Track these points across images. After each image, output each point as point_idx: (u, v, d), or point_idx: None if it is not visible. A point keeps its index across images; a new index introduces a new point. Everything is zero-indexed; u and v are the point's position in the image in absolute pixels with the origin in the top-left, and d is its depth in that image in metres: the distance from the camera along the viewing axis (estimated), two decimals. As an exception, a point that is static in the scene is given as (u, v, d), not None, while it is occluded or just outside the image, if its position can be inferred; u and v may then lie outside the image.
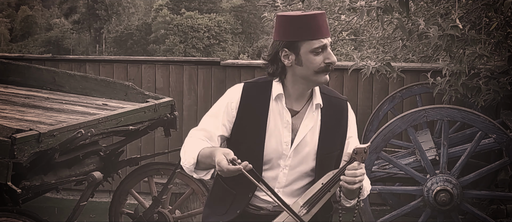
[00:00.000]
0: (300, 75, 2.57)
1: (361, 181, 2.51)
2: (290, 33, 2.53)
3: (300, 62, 2.54)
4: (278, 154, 2.61)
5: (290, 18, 2.52)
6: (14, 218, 3.74)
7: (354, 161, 2.49)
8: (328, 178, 2.57)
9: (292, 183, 2.65)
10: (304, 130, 2.62)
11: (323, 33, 2.51)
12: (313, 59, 2.52)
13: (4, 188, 3.68)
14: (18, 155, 3.54)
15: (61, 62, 6.84)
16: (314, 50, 2.52)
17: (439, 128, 5.70)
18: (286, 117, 2.61)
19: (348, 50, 6.29)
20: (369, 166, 4.58)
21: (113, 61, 6.86)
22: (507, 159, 4.52)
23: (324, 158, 2.64)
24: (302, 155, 2.63)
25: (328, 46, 2.54)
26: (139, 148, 6.60)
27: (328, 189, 2.58)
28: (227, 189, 2.68)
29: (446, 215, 4.61)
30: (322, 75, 2.55)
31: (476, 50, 4.46)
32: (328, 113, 2.66)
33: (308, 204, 2.57)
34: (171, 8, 53.61)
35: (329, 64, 2.53)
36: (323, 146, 2.63)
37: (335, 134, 2.66)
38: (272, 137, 2.61)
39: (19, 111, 4.37)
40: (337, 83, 6.33)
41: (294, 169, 2.63)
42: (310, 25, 2.50)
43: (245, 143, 2.61)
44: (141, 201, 4.74)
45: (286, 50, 2.55)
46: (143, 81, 6.71)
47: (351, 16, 5.35)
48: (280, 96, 2.61)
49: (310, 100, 2.64)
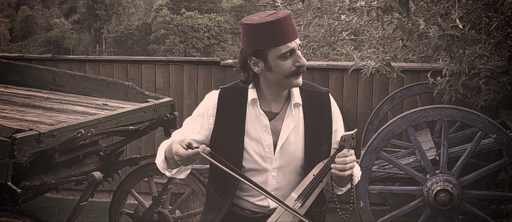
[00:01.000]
0: (271, 80, 2.55)
1: (352, 168, 2.50)
2: (256, 42, 2.49)
3: (270, 69, 2.51)
4: (263, 158, 2.60)
5: (254, 27, 2.47)
6: (14, 218, 3.74)
7: (343, 149, 2.49)
8: (319, 169, 2.57)
9: (283, 185, 2.63)
10: (286, 130, 2.60)
11: (289, 37, 2.47)
12: (282, 64, 2.49)
13: (4, 188, 3.68)
14: (18, 155, 3.54)
15: (61, 62, 6.85)
16: (282, 56, 2.48)
17: (439, 128, 5.70)
18: (263, 121, 2.59)
19: (348, 50, 6.29)
20: (369, 166, 4.59)
21: (113, 61, 6.86)
22: (507, 159, 4.52)
23: (313, 155, 2.61)
24: (288, 155, 2.61)
25: (296, 49, 2.50)
26: (139, 148, 6.60)
27: (320, 180, 2.57)
28: (216, 198, 2.69)
29: (446, 215, 4.61)
30: (294, 78, 2.52)
31: (476, 50, 4.46)
32: (310, 109, 2.64)
33: (302, 196, 2.56)
34: (171, 8, 53.61)
35: (299, 67, 2.50)
36: (310, 144, 2.61)
37: (321, 130, 2.64)
38: (253, 142, 2.59)
39: (19, 111, 4.37)
40: (337, 83, 6.34)
41: (283, 170, 2.61)
42: (275, 31, 2.46)
43: (225, 150, 2.59)
44: (141, 201, 4.74)
45: (254, 58, 2.51)
46: (143, 81, 6.71)
47: (351, 16, 5.36)
48: (255, 101, 2.59)
49: (288, 100, 2.62)
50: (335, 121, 2.69)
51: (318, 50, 6.55)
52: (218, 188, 2.66)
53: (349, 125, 6.27)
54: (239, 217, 2.68)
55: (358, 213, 4.63)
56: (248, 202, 2.65)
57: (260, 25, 2.46)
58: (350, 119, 6.31)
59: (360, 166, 4.58)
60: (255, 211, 2.66)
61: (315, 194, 2.57)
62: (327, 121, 2.65)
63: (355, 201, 4.63)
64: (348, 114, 6.31)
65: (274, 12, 2.51)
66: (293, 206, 2.54)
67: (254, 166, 2.60)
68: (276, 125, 2.60)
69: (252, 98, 2.59)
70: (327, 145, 2.62)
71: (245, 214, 2.67)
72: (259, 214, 2.66)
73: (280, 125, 2.60)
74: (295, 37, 2.50)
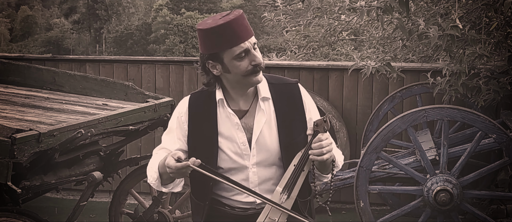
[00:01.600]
0: (232, 80, 2.59)
1: (329, 151, 2.52)
2: (210, 46, 2.53)
3: (227, 70, 2.56)
4: (240, 156, 2.64)
5: (206, 31, 2.51)
6: (14, 218, 3.74)
7: (318, 134, 2.52)
8: (298, 158, 2.59)
9: (266, 179, 2.67)
10: (258, 126, 2.64)
11: (241, 37, 2.50)
12: (238, 65, 2.53)
13: (4, 188, 3.68)
14: (18, 155, 3.54)
15: (61, 62, 6.84)
16: (237, 57, 2.51)
17: (439, 128, 5.70)
18: (234, 120, 2.63)
19: (348, 50, 6.30)
20: (369, 166, 4.59)
21: (113, 61, 6.86)
22: (507, 159, 4.52)
23: (289, 146, 2.64)
24: (265, 150, 2.64)
25: (251, 48, 2.53)
26: (139, 148, 6.60)
27: (301, 169, 2.59)
28: (197, 203, 2.74)
29: (446, 215, 4.61)
30: (252, 77, 2.56)
31: (476, 50, 4.46)
32: (281, 102, 2.67)
33: (286, 189, 2.59)
34: (171, 8, 53.61)
35: (256, 66, 2.54)
36: (284, 135, 2.64)
37: (294, 120, 2.67)
38: (228, 141, 2.63)
39: (19, 111, 4.37)
40: (337, 83, 6.34)
41: (262, 165, 2.65)
42: (226, 34, 2.49)
43: (200, 152, 2.63)
44: (141, 201, 4.74)
45: (211, 61, 2.56)
46: (143, 81, 6.71)
47: (351, 16, 5.36)
48: (222, 101, 2.63)
49: (257, 96, 2.66)
50: (308, 110, 2.72)
51: (318, 50, 6.55)
52: (196, 193, 2.73)
53: (349, 125, 6.27)
54: (231, 217, 2.71)
55: (358, 213, 4.63)
56: (235, 201, 2.69)
57: (211, 29, 2.49)
58: (350, 119, 6.31)
59: (360, 166, 4.58)
60: (245, 208, 2.69)
61: (299, 184, 2.60)
62: (299, 111, 2.69)
63: (355, 201, 4.63)
64: (348, 114, 6.32)
65: (227, 13, 2.53)
66: (280, 199, 2.57)
67: (233, 165, 2.65)
68: (247, 122, 2.65)
69: (219, 98, 2.64)
70: (303, 134, 2.65)
71: (236, 213, 2.71)
72: (250, 211, 2.69)
73: (251, 122, 2.64)
74: (249, 36, 2.52)
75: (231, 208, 2.72)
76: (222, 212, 2.73)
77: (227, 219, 2.72)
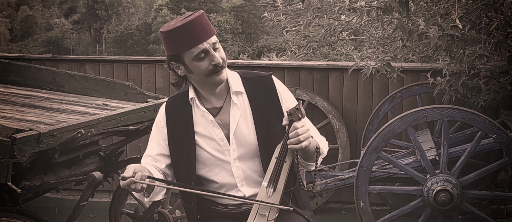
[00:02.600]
0: (197, 80, 2.65)
1: (307, 138, 2.53)
2: (171, 47, 2.58)
3: (190, 70, 2.61)
4: (221, 153, 2.68)
5: (166, 33, 2.56)
6: (14, 218, 3.74)
7: (293, 122, 2.54)
8: (278, 150, 2.62)
9: (249, 173, 2.70)
10: (234, 120, 2.67)
11: (199, 39, 2.54)
12: (199, 65, 2.58)
13: (4, 188, 3.68)
14: (18, 155, 3.54)
15: (61, 62, 6.84)
16: (196, 57, 2.56)
17: (439, 128, 5.70)
18: (208, 117, 2.67)
19: (348, 50, 6.30)
20: (369, 166, 4.59)
21: (113, 61, 6.86)
22: (507, 159, 4.52)
23: (266, 137, 2.67)
24: (244, 143, 2.68)
25: (209, 48, 2.56)
26: (139, 148, 6.60)
27: (283, 160, 2.62)
28: (187, 207, 2.78)
29: (446, 215, 4.61)
30: (214, 76, 2.60)
31: (476, 50, 4.46)
32: (254, 94, 2.71)
33: (271, 182, 2.61)
34: (171, 8, 53.61)
35: (215, 66, 2.58)
36: (260, 127, 2.67)
37: (269, 111, 2.70)
38: (206, 140, 2.68)
39: (19, 111, 4.37)
40: (337, 83, 6.33)
41: (244, 159, 2.69)
42: (184, 35, 2.53)
43: (181, 153, 2.69)
44: (141, 201, 4.73)
45: (173, 62, 2.63)
46: (143, 81, 6.71)
47: (351, 16, 5.36)
48: (194, 100, 2.68)
49: (228, 91, 2.70)
50: (284, 101, 2.74)
51: (318, 50, 6.54)
52: (183, 198, 2.78)
53: (349, 125, 6.27)
54: (226, 216, 2.74)
55: (358, 213, 4.63)
56: (225, 198, 2.72)
57: (170, 32, 2.54)
58: (350, 119, 6.31)
59: (360, 166, 4.58)
60: (237, 205, 2.73)
61: (284, 175, 2.62)
62: (274, 102, 2.72)
63: (355, 201, 4.63)
64: (348, 114, 6.32)
65: (189, 14, 2.57)
66: (266, 194, 2.59)
67: (215, 162, 2.68)
68: (223, 119, 2.68)
69: (191, 97, 2.69)
70: (280, 125, 2.67)
71: (230, 210, 2.74)
72: (243, 207, 2.72)
73: (227, 118, 2.68)
74: (207, 37, 2.56)
75: (224, 206, 2.74)
76: (216, 212, 2.75)
77: (223, 218, 2.74)
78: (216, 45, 2.59)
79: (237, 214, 2.73)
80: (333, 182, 5.03)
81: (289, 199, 2.73)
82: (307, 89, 6.25)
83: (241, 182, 2.69)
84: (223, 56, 2.62)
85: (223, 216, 2.75)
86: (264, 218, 2.56)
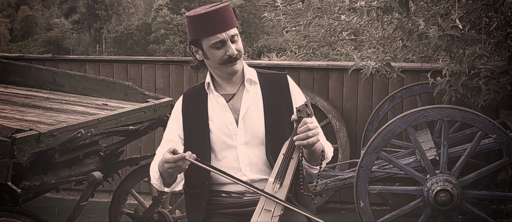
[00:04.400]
0: (211, 66, 2.79)
1: (315, 134, 2.58)
2: (192, 32, 2.73)
3: (206, 56, 2.76)
4: (228, 136, 2.77)
5: (190, 18, 2.71)
6: (14, 218, 3.74)
7: (302, 119, 2.59)
8: (286, 147, 2.67)
9: (254, 158, 2.76)
10: (245, 106, 2.78)
11: (218, 29, 2.67)
12: (215, 53, 2.71)
13: (4, 188, 3.68)
14: (18, 155, 3.54)
15: (61, 62, 6.84)
16: (213, 46, 2.70)
17: (439, 128, 5.70)
18: (221, 102, 2.79)
19: (348, 50, 6.30)
20: (369, 166, 4.59)
21: (113, 61, 6.86)
22: (507, 159, 4.52)
23: (273, 127, 2.76)
24: (252, 129, 2.76)
25: (227, 39, 2.69)
26: (139, 148, 6.60)
27: (290, 156, 2.66)
28: (192, 193, 2.82)
29: (446, 215, 4.61)
30: (228, 65, 2.74)
31: (476, 50, 4.46)
32: (268, 86, 2.83)
33: (278, 178, 2.65)
34: (171, 8, 53.60)
35: (230, 56, 2.71)
36: (269, 116, 2.77)
37: (279, 103, 2.80)
38: (217, 124, 2.78)
39: (19, 111, 4.37)
40: (337, 83, 6.33)
41: (250, 145, 2.76)
42: (205, 23, 2.67)
43: (194, 137, 2.79)
44: (141, 201, 4.74)
45: (193, 46, 2.78)
46: (143, 81, 6.71)
47: (351, 16, 5.36)
48: (209, 84, 2.82)
49: (243, 81, 2.82)
50: (295, 99, 2.84)
51: (318, 50, 6.55)
52: (191, 183, 2.81)
53: (349, 125, 6.27)
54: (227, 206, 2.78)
55: (358, 213, 4.63)
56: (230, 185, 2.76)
57: (193, 17, 2.69)
58: (350, 119, 6.31)
59: (360, 166, 4.58)
60: (240, 193, 2.76)
61: (291, 172, 2.65)
62: (285, 96, 2.83)
63: (355, 201, 4.63)
64: (348, 114, 6.32)
65: (215, 4, 2.70)
66: (273, 190, 2.63)
67: (223, 145, 2.77)
68: (234, 104, 2.80)
69: (207, 82, 2.82)
70: (288, 118, 2.74)
71: (232, 200, 2.78)
72: (245, 197, 2.76)
73: (239, 103, 2.79)
74: (226, 28, 2.69)
75: (227, 194, 2.78)
76: (219, 201, 2.79)
77: (224, 208, 2.78)
78: (235, 38, 2.72)
79: (240, 204, 2.76)
80: (333, 182, 5.03)
81: (291, 192, 2.74)
82: (307, 89, 6.25)
83: (245, 167, 2.75)
84: (240, 48, 2.74)
85: (225, 205, 2.77)
86: (270, 214, 2.59)
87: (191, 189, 2.82)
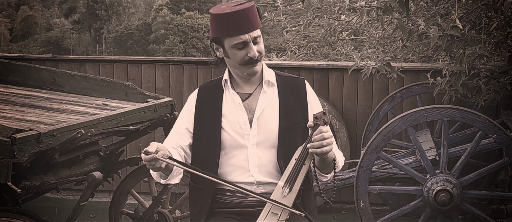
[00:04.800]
0: (231, 65, 2.76)
1: (330, 144, 2.57)
2: (214, 30, 2.69)
3: (227, 55, 2.72)
4: (240, 136, 2.74)
5: (214, 16, 2.67)
6: (14, 218, 3.74)
7: (318, 127, 2.57)
8: (299, 152, 2.65)
9: (264, 160, 2.74)
10: (260, 107, 2.75)
11: (241, 30, 2.64)
12: (236, 53, 2.68)
13: (4, 188, 3.68)
14: (18, 155, 3.54)
15: (61, 62, 6.84)
16: (235, 46, 2.67)
17: (439, 128, 5.70)
18: (237, 100, 2.76)
19: (348, 50, 6.29)
20: (369, 166, 4.59)
21: (113, 61, 6.86)
22: (507, 159, 4.52)
23: (287, 131, 2.73)
24: (265, 131, 2.74)
25: (249, 41, 2.65)
26: (139, 148, 6.59)
27: (302, 162, 2.65)
28: (196, 187, 2.81)
29: (446, 215, 4.61)
30: (248, 66, 2.70)
31: (476, 50, 4.46)
32: (285, 89, 2.80)
33: (288, 182, 2.64)
34: (171, 8, 53.58)
35: (251, 58, 2.67)
36: (284, 120, 2.74)
37: (295, 107, 2.77)
38: (230, 121, 2.75)
39: (19, 111, 4.37)
40: (337, 83, 6.33)
41: (262, 146, 2.74)
42: (228, 23, 2.63)
43: (205, 132, 2.76)
44: (141, 201, 4.74)
45: (214, 44, 2.74)
46: (143, 81, 6.71)
47: (351, 16, 5.36)
48: (227, 82, 2.79)
49: (262, 81, 2.79)
50: (311, 105, 2.81)
51: (318, 50, 6.55)
52: (197, 177, 2.78)
53: (349, 125, 6.27)
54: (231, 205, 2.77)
55: (358, 213, 4.63)
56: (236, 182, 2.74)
57: (216, 16, 2.65)
58: (350, 119, 6.31)
59: (360, 166, 4.58)
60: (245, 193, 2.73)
61: (301, 177, 2.64)
62: (301, 101, 2.80)
63: (355, 201, 4.63)
64: (348, 114, 6.32)
65: (241, 2, 2.66)
66: (282, 193, 2.62)
67: (234, 143, 2.74)
68: (250, 104, 2.77)
69: (225, 79, 2.79)
70: (303, 124, 2.72)
71: (237, 199, 2.76)
72: (250, 196, 2.73)
73: (254, 104, 2.76)
74: (250, 30, 2.65)
75: (231, 193, 2.77)
76: (222, 198, 2.77)
77: (227, 206, 2.77)
78: (258, 39, 2.68)
79: (243, 204, 2.75)
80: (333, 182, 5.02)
81: (299, 198, 2.74)
82: (307, 89, 6.24)
83: (254, 168, 2.73)
84: (261, 50, 2.71)
85: (229, 205, 2.76)
86: (276, 217, 2.59)
87: (196, 183, 2.80)
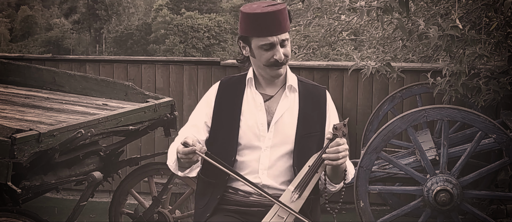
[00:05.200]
0: (256, 65, 2.75)
1: (345, 156, 2.58)
2: (243, 28, 2.69)
3: (253, 55, 2.72)
4: (256, 136, 2.72)
5: (244, 15, 2.67)
6: (14, 218, 3.74)
7: (336, 138, 2.57)
8: (313, 160, 2.65)
9: (275, 164, 2.73)
10: (280, 111, 2.74)
11: (270, 32, 2.63)
12: (262, 53, 2.68)
13: (4, 188, 3.68)
14: (18, 155, 3.54)
15: (61, 62, 6.84)
16: (261, 47, 2.66)
17: (439, 128, 5.70)
18: (258, 100, 2.75)
19: (348, 50, 6.29)
20: (369, 166, 4.59)
21: (113, 61, 6.86)
22: (507, 159, 4.52)
23: (303, 138, 2.73)
24: (282, 135, 2.73)
25: (277, 43, 2.65)
26: (139, 148, 6.60)
27: (315, 171, 2.65)
28: (207, 181, 2.79)
29: (446, 215, 4.61)
30: (273, 68, 2.70)
31: (476, 50, 4.46)
32: (306, 96, 2.79)
33: (298, 188, 2.64)
34: (171, 8, 53.57)
35: (277, 61, 2.67)
36: (301, 127, 2.74)
37: (313, 115, 2.78)
38: (248, 120, 2.74)
39: (19, 111, 4.37)
40: (337, 83, 6.33)
41: (275, 150, 2.73)
42: (257, 23, 2.63)
43: (222, 128, 2.75)
44: (141, 201, 4.74)
45: (241, 42, 2.74)
46: (143, 81, 6.71)
47: (351, 16, 5.36)
48: (251, 80, 2.78)
49: (284, 86, 2.78)
50: (329, 115, 2.83)
51: (318, 50, 6.55)
52: (208, 171, 2.77)
53: (349, 125, 6.25)
54: (233, 203, 2.76)
55: (358, 213, 4.63)
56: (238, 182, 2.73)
57: (247, 15, 2.65)
58: (350, 119, 6.31)
59: (360, 166, 4.58)
60: (248, 192, 2.73)
61: (312, 185, 2.65)
62: (321, 110, 2.81)
63: (355, 201, 4.63)
64: (348, 114, 6.31)
65: (273, 3, 2.65)
66: (290, 198, 2.62)
67: (248, 143, 2.73)
68: (270, 106, 2.76)
69: (249, 78, 2.78)
70: (320, 132, 2.74)
71: (239, 198, 2.75)
72: (252, 197, 2.73)
73: (275, 106, 2.75)
74: (279, 32, 2.64)
75: (235, 190, 2.76)
76: (224, 195, 2.76)
77: (228, 204, 2.76)
78: (285, 42, 2.68)
79: (245, 203, 2.74)
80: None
81: (309, 207, 2.75)
82: (307, 89, 6.25)
83: (263, 170, 2.72)
84: (288, 53, 2.70)
85: (230, 202, 2.76)
86: (282, 220, 2.60)
87: (207, 177, 2.79)
